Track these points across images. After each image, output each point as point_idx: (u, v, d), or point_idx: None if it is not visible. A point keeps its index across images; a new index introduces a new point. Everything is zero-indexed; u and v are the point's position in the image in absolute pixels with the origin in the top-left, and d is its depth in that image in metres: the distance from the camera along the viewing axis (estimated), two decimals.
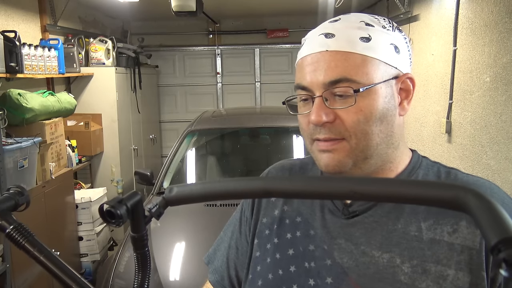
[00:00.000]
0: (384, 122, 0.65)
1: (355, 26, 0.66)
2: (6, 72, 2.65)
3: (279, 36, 5.88)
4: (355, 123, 0.63)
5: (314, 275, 0.68)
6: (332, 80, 0.63)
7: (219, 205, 2.53)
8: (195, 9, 3.11)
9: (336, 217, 0.69)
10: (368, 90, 0.63)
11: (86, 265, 3.35)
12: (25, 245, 0.42)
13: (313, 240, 0.70)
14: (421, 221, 0.64)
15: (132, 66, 4.59)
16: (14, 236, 0.42)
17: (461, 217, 0.62)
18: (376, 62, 0.64)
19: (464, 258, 0.61)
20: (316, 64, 0.65)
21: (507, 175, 2.29)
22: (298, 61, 0.70)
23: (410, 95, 0.69)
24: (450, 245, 0.62)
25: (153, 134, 5.43)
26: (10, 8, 3.09)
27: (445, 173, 0.69)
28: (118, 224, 0.41)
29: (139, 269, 0.46)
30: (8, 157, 2.38)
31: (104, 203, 0.41)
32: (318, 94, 0.65)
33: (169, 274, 2.00)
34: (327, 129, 0.64)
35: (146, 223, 0.45)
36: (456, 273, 0.60)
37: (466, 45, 2.75)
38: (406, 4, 3.73)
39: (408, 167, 0.70)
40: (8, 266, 2.30)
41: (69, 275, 0.42)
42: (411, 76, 0.68)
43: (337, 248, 0.67)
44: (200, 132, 3.25)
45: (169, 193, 0.46)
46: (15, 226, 0.42)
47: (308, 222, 0.72)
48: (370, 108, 0.63)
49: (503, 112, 2.33)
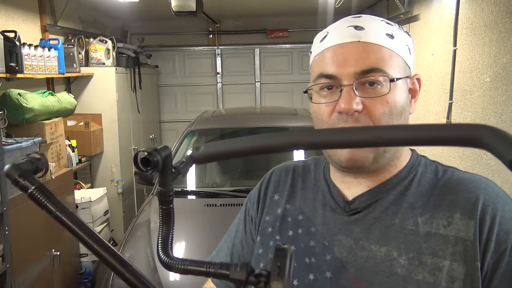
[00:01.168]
0: (402, 117, 0.68)
1: (380, 23, 0.68)
2: (6, 72, 2.65)
3: (279, 36, 5.88)
4: (381, 115, 0.65)
5: (314, 270, 0.70)
6: (365, 69, 0.64)
7: (219, 205, 2.53)
8: (195, 9, 3.12)
9: (337, 215, 0.71)
10: (394, 83, 0.66)
11: (86, 265, 3.35)
12: (47, 205, 0.42)
13: (314, 237, 0.72)
14: (417, 216, 0.66)
15: (132, 66, 4.59)
16: (36, 196, 0.42)
17: (455, 210, 0.64)
18: (400, 59, 0.67)
19: (459, 250, 0.62)
20: (346, 53, 0.66)
21: (507, 175, 2.29)
22: (323, 51, 0.69)
23: (417, 95, 0.72)
24: (445, 238, 0.63)
25: (153, 134, 5.43)
26: (10, 8, 3.10)
27: (442, 171, 0.70)
28: (151, 172, 0.43)
29: (163, 223, 0.47)
30: (8, 157, 2.38)
31: (140, 150, 0.43)
32: (347, 83, 0.65)
33: (169, 274, 2.00)
34: (354, 118, 0.65)
35: (173, 179, 0.46)
36: (451, 264, 0.62)
37: (466, 45, 2.75)
38: (406, 4, 3.73)
39: (408, 164, 0.71)
40: (8, 266, 2.30)
41: (90, 235, 0.43)
42: (419, 77, 0.72)
43: (337, 244, 0.69)
44: (200, 132, 3.25)
45: (196, 151, 0.47)
46: (37, 186, 0.42)
47: (310, 219, 0.74)
48: (395, 101, 0.66)
49: (503, 112, 2.33)
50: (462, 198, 0.65)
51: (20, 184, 0.42)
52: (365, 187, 0.70)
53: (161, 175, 0.45)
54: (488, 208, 0.63)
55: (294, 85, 6.02)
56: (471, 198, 0.64)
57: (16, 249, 2.40)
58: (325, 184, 0.76)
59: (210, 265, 0.43)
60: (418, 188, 0.68)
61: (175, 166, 0.46)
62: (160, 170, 0.44)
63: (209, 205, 2.51)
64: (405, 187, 0.69)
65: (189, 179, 3.00)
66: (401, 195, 0.68)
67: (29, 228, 2.63)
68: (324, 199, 0.74)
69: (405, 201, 0.67)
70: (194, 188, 2.89)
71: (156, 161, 0.43)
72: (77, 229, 0.43)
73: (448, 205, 0.65)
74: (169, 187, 0.46)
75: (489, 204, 0.63)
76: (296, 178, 0.81)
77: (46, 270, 2.82)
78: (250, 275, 0.42)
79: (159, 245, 0.47)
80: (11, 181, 0.42)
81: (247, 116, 3.59)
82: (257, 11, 5.35)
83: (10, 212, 2.35)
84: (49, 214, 0.42)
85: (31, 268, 2.63)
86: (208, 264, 0.43)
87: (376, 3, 4.73)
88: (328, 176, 0.77)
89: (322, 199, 0.74)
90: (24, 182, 0.42)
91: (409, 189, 0.68)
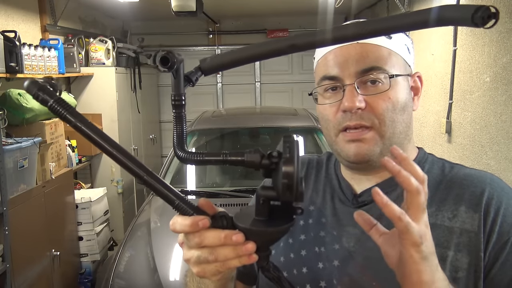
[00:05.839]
0: (406, 113, 0.70)
1: None
2: (6, 72, 2.65)
3: (279, 36, 5.88)
4: (384, 110, 0.68)
5: (323, 259, 0.72)
6: (365, 68, 0.68)
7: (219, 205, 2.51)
8: (195, 9, 3.11)
9: (346, 206, 0.75)
10: (394, 80, 0.68)
11: (86, 265, 3.34)
12: (67, 116, 0.44)
13: (324, 227, 0.75)
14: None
15: (132, 66, 4.59)
16: (56, 108, 0.44)
17: (460, 203, 0.67)
18: (399, 57, 0.70)
19: (463, 240, 0.64)
20: (346, 55, 0.69)
21: (507, 175, 2.29)
22: (325, 55, 0.73)
23: (419, 93, 0.74)
24: (450, 229, 0.66)
25: (153, 134, 5.43)
26: (10, 8, 3.10)
27: (449, 167, 0.73)
28: (170, 70, 0.47)
29: (176, 124, 0.51)
30: (8, 157, 2.38)
31: (159, 50, 0.47)
32: (349, 82, 0.68)
33: (169, 274, 2.00)
34: (358, 115, 0.68)
35: (184, 86, 0.50)
36: (455, 254, 0.64)
37: (466, 45, 2.75)
38: (406, 4, 3.73)
39: (414, 161, 0.74)
40: (8, 266, 2.30)
41: (109, 142, 0.45)
42: (420, 75, 0.75)
43: (346, 234, 0.72)
44: (200, 132, 3.25)
45: (203, 62, 0.50)
46: (56, 99, 0.44)
47: (321, 210, 0.77)
48: (397, 97, 0.69)
49: (503, 112, 2.33)
50: (467, 192, 0.67)
51: (41, 98, 0.44)
52: (373, 182, 0.73)
53: (175, 78, 0.49)
54: (493, 201, 0.65)
55: (294, 85, 6.02)
56: (477, 192, 0.67)
57: (16, 249, 2.40)
58: (336, 178, 0.79)
59: (226, 154, 0.47)
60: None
61: (186, 74, 0.50)
62: (175, 71, 0.48)
63: None
64: None
65: (189, 179, 3.00)
66: None
67: (29, 228, 2.63)
68: (333, 191, 0.78)
69: None
70: (194, 188, 2.89)
71: (174, 61, 0.46)
72: (97, 137, 0.45)
73: (454, 199, 0.67)
74: (181, 91, 0.50)
75: (493, 197, 0.66)
76: (310, 170, 0.84)
77: (46, 270, 2.82)
78: (263, 157, 0.46)
79: (175, 142, 0.50)
80: (31, 94, 0.44)
81: (247, 116, 3.59)
82: (257, 11, 5.35)
83: (10, 212, 2.35)
84: (69, 124, 0.44)
85: (31, 268, 2.63)
86: (224, 153, 0.47)
87: (376, 3, 4.72)
88: (338, 171, 0.80)
89: (331, 191, 0.78)
90: (44, 95, 0.44)
91: None
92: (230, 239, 0.47)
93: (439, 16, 0.40)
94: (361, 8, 5.10)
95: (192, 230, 0.48)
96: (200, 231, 0.48)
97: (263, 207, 0.47)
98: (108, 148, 0.45)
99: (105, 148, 0.45)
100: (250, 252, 0.47)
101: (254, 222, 0.48)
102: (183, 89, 0.50)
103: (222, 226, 0.49)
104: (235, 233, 0.47)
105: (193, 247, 0.50)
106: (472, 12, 0.37)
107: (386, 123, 0.68)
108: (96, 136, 0.45)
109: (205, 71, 0.50)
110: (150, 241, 2.19)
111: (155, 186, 0.46)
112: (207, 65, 0.50)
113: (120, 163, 0.46)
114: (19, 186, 2.54)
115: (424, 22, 0.41)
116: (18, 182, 2.52)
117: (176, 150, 0.49)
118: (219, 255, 0.48)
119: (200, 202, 0.50)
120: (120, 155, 0.45)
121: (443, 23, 0.40)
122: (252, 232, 0.47)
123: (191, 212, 0.48)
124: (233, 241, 0.47)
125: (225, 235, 0.47)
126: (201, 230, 0.48)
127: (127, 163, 0.46)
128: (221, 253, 0.48)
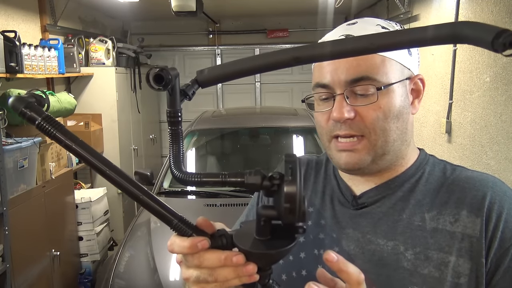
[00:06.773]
0: (400, 120, 0.68)
1: (373, 28, 0.69)
2: (6, 72, 2.65)
3: (279, 36, 5.88)
4: (375, 120, 0.66)
5: (322, 262, 0.71)
6: (354, 78, 0.66)
7: (219, 205, 2.53)
8: (195, 9, 3.12)
9: (345, 208, 0.74)
10: (387, 88, 0.66)
11: (86, 265, 3.35)
12: (56, 135, 0.42)
13: (323, 229, 0.74)
14: (425, 212, 0.67)
15: (132, 66, 4.59)
16: (44, 126, 0.41)
17: (462, 207, 0.66)
18: (393, 63, 0.68)
19: (465, 246, 0.64)
20: (337, 63, 0.67)
21: (507, 175, 2.29)
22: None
23: (421, 95, 0.73)
24: (452, 234, 0.65)
25: (153, 134, 5.43)
26: (10, 8, 3.10)
27: (451, 169, 0.72)
28: (165, 88, 0.44)
29: (173, 143, 0.49)
30: (8, 157, 2.38)
31: (152, 68, 0.44)
32: (339, 92, 0.67)
33: (169, 274, 2.00)
34: (348, 125, 0.67)
35: (180, 100, 0.48)
36: (457, 259, 0.63)
37: (466, 45, 2.75)
38: (406, 4, 3.73)
39: (415, 163, 0.73)
40: (8, 266, 2.30)
41: (102, 161, 0.43)
42: (422, 77, 0.72)
43: (345, 237, 0.71)
44: (200, 132, 3.25)
45: (200, 74, 0.48)
46: (45, 117, 0.41)
47: (320, 212, 0.76)
48: (389, 106, 0.67)
49: (503, 112, 2.33)
50: (469, 196, 0.66)
51: (27, 116, 0.41)
52: (372, 184, 0.73)
53: (170, 95, 0.47)
54: (495, 206, 0.64)
55: (294, 85, 6.02)
56: (478, 195, 0.66)
57: (16, 249, 2.40)
58: (335, 179, 0.79)
59: (225, 175, 0.45)
60: (426, 185, 0.70)
61: (182, 88, 0.47)
62: (170, 88, 0.45)
63: (209, 205, 2.51)
64: (413, 184, 0.71)
65: None
66: (409, 192, 0.70)
67: (29, 228, 2.63)
68: (333, 193, 0.77)
69: (412, 198, 0.69)
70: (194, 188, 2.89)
71: (169, 78, 0.44)
72: (88, 156, 0.43)
73: (456, 202, 0.67)
74: (177, 108, 0.48)
75: (495, 201, 0.65)
76: (309, 171, 0.83)
77: (46, 270, 2.82)
78: (264, 179, 0.44)
79: (172, 163, 0.48)
80: (17, 113, 0.41)
81: (247, 116, 3.59)
82: (257, 11, 5.35)
83: (10, 212, 2.35)
84: (59, 144, 0.42)
85: (31, 268, 2.63)
86: (223, 174, 0.45)
87: (376, 3, 4.72)
88: (337, 172, 0.79)
89: (331, 193, 0.77)
90: (31, 113, 0.41)
91: (417, 186, 0.70)
92: (231, 261, 0.46)
93: (455, 32, 0.38)
94: (361, 8, 5.10)
95: (191, 252, 0.47)
96: (199, 252, 0.47)
97: (264, 227, 0.46)
98: (101, 167, 0.43)
99: (99, 167, 0.43)
100: (251, 274, 0.46)
101: (255, 243, 0.46)
102: (179, 105, 0.47)
103: (222, 246, 0.47)
104: (235, 254, 0.46)
105: (192, 267, 0.49)
106: (493, 36, 0.35)
107: (377, 132, 0.67)
108: (87, 155, 0.43)
109: (202, 84, 0.48)
110: (150, 241, 2.19)
111: (151, 205, 0.44)
112: (204, 77, 0.48)
113: (114, 182, 0.44)
114: (19, 186, 2.54)
115: (439, 38, 0.39)
116: (18, 182, 2.52)
117: (173, 171, 0.48)
118: (219, 276, 0.47)
119: (198, 221, 0.49)
120: (114, 174, 0.43)
121: (459, 40, 0.38)
122: (253, 255, 0.46)
123: (189, 232, 0.46)
124: (234, 262, 0.46)
125: (225, 257, 0.46)
126: (200, 252, 0.47)
127: (121, 182, 0.43)
128: (221, 274, 0.47)
